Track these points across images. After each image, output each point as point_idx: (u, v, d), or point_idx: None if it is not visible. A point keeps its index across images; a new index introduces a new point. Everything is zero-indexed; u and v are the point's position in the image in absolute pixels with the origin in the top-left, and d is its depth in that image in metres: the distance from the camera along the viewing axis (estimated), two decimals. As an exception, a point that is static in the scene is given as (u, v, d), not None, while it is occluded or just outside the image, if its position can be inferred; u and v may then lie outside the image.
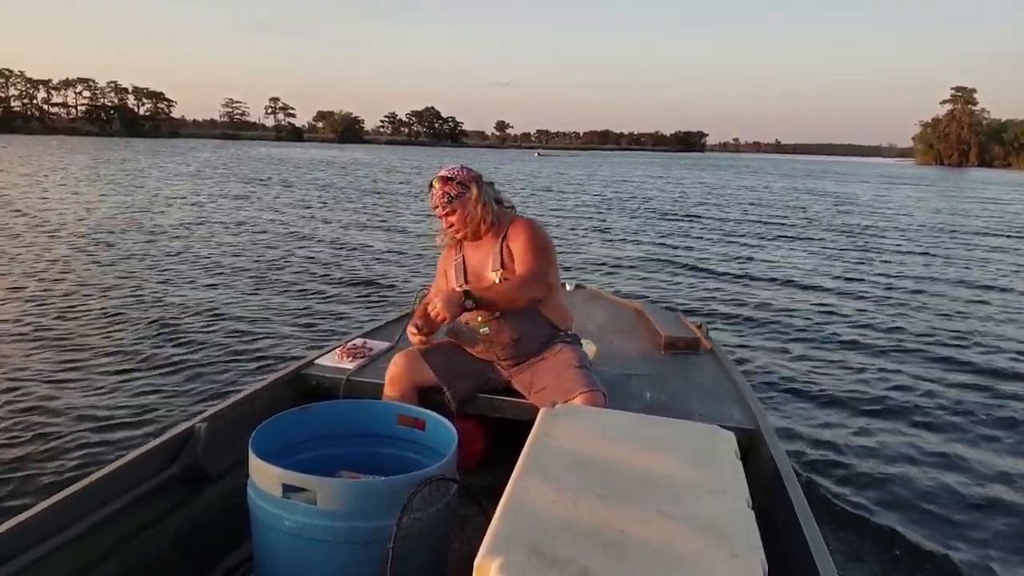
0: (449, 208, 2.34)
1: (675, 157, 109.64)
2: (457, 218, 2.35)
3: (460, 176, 2.36)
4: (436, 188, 2.34)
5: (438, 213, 2.37)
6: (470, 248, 2.45)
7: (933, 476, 3.56)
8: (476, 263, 2.42)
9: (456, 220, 2.36)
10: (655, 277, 9.10)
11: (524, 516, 1.32)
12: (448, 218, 2.36)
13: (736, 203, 21.82)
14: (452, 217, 2.36)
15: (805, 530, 1.67)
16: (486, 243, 2.40)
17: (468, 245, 2.45)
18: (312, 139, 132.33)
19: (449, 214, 2.35)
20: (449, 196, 2.33)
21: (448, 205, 2.34)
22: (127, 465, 1.90)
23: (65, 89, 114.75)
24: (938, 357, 5.67)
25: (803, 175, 48.54)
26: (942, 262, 10.89)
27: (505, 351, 2.39)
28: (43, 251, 9.16)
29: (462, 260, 2.45)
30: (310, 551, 1.67)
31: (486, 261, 2.39)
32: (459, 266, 2.45)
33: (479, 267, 2.41)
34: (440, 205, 2.34)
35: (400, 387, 2.35)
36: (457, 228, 2.38)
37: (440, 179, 2.35)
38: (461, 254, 2.47)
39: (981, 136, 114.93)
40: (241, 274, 8.17)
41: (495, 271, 2.36)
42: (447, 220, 2.37)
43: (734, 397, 2.59)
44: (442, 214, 2.36)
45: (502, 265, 2.35)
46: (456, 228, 2.38)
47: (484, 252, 2.41)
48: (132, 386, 4.34)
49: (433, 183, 2.35)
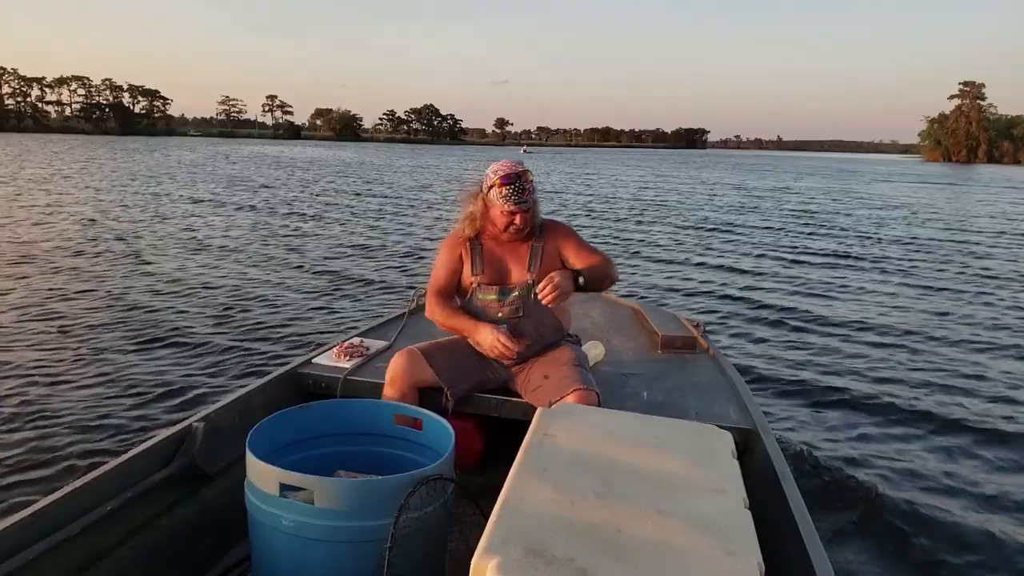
0: (530, 202, 2.32)
1: (674, 155, 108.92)
2: (530, 214, 2.34)
3: (528, 171, 2.35)
4: (526, 181, 2.29)
5: (516, 208, 2.29)
6: (493, 244, 2.40)
7: (931, 475, 3.57)
8: (505, 260, 2.39)
9: (529, 216, 2.34)
10: (653, 277, 9.10)
11: (521, 515, 1.32)
12: (524, 215, 2.32)
13: (756, 207, 21.75)
14: (528, 213, 2.33)
15: (801, 529, 1.67)
16: (514, 242, 2.38)
17: (490, 241, 2.40)
18: (310, 137, 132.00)
19: (526, 210, 2.32)
20: (532, 193, 2.32)
21: (530, 199, 2.31)
22: (124, 464, 1.90)
23: (59, 87, 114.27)
24: (939, 357, 5.68)
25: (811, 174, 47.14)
26: (950, 264, 10.80)
27: (525, 321, 2.39)
28: (41, 250, 9.14)
29: (480, 253, 2.40)
30: (307, 550, 1.67)
31: (520, 260, 2.38)
32: (477, 259, 2.40)
33: (505, 264, 2.39)
34: (527, 199, 2.30)
35: (400, 387, 2.34)
36: (526, 224, 2.34)
37: (523, 175, 2.30)
38: (479, 246, 2.41)
39: (991, 132, 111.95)
40: (237, 274, 8.16)
41: (531, 271, 2.37)
42: (523, 217, 2.31)
43: (731, 397, 2.59)
44: (522, 209, 2.30)
45: (539, 267, 2.37)
46: (526, 224, 2.34)
47: (517, 251, 2.39)
48: (128, 385, 4.33)
49: (521, 175, 2.28)
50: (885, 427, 4.17)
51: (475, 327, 2.33)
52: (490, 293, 2.38)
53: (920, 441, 4.00)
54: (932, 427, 4.20)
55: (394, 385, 2.35)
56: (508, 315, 2.36)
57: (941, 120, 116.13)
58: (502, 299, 2.37)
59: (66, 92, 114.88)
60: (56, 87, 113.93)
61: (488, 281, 2.38)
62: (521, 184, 2.27)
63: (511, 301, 2.37)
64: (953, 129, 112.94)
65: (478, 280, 2.39)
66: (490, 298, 2.38)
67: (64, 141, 59.56)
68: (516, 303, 2.37)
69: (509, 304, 2.37)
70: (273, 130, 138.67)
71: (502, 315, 2.36)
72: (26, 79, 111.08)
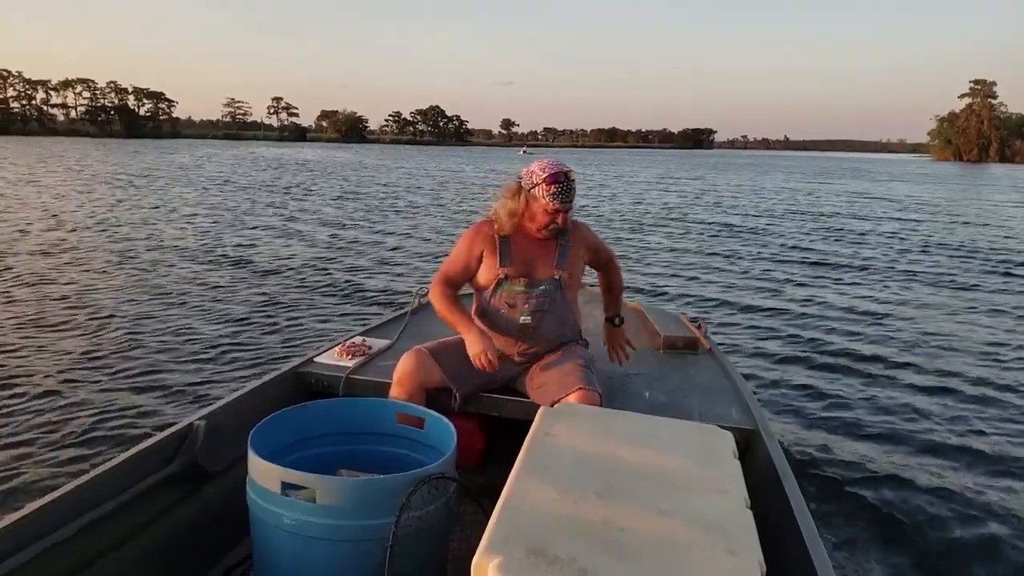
0: (573, 202, 2.35)
1: (682, 155, 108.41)
2: (570, 213, 2.37)
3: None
4: (572, 181, 2.33)
5: (562, 207, 2.30)
6: (522, 239, 2.41)
7: (933, 476, 3.56)
8: (532, 255, 2.41)
9: (570, 215, 2.37)
10: (654, 277, 9.09)
11: (523, 515, 1.32)
12: (567, 214, 2.34)
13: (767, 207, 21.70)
14: (571, 215, 2.37)
15: (803, 529, 1.67)
16: (542, 239, 2.40)
17: (519, 235, 2.41)
18: (316, 139, 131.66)
19: (569, 210, 2.34)
20: (575, 189, 2.36)
21: (574, 199, 2.35)
22: (126, 462, 1.90)
23: (64, 90, 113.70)
24: (939, 358, 5.67)
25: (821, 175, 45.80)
26: (960, 263, 10.74)
27: (535, 343, 2.42)
28: (40, 250, 9.16)
29: (508, 244, 2.41)
30: (309, 549, 1.67)
31: (548, 257, 2.41)
32: (506, 252, 2.40)
33: (533, 259, 2.41)
34: (572, 199, 2.33)
35: (408, 387, 2.33)
36: (567, 223, 2.37)
37: (570, 172, 2.35)
38: (507, 240, 2.41)
39: (1002, 131, 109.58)
40: (239, 272, 8.17)
41: (559, 269, 2.41)
42: (565, 216, 2.34)
43: (733, 397, 2.59)
44: (566, 208, 2.33)
45: (567, 264, 2.42)
46: (567, 223, 2.37)
47: (545, 247, 2.42)
48: (130, 384, 4.34)
49: (567, 174, 2.32)
50: (887, 427, 4.16)
51: (468, 328, 2.31)
52: (517, 285, 2.38)
53: (923, 442, 3.99)
54: (934, 428, 4.20)
55: (402, 386, 2.33)
56: (534, 307, 2.38)
57: (951, 119, 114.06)
58: (529, 291, 2.38)
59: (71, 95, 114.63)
60: (61, 90, 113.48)
61: (516, 274, 2.39)
62: (568, 184, 2.30)
63: (538, 295, 2.38)
64: (964, 128, 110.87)
65: (506, 272, 2.38)
66: (517, 289, 2.38)
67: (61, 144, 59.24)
68: (543, 296, 2.39)
69: (536, 297, 2.38)
70: (279, 132, 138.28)
71: (528, 307, 2.38)
72: (31, 82, 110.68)
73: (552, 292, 2.39)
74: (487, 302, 2.42)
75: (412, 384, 2.33)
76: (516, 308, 2.38)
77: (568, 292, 2.45)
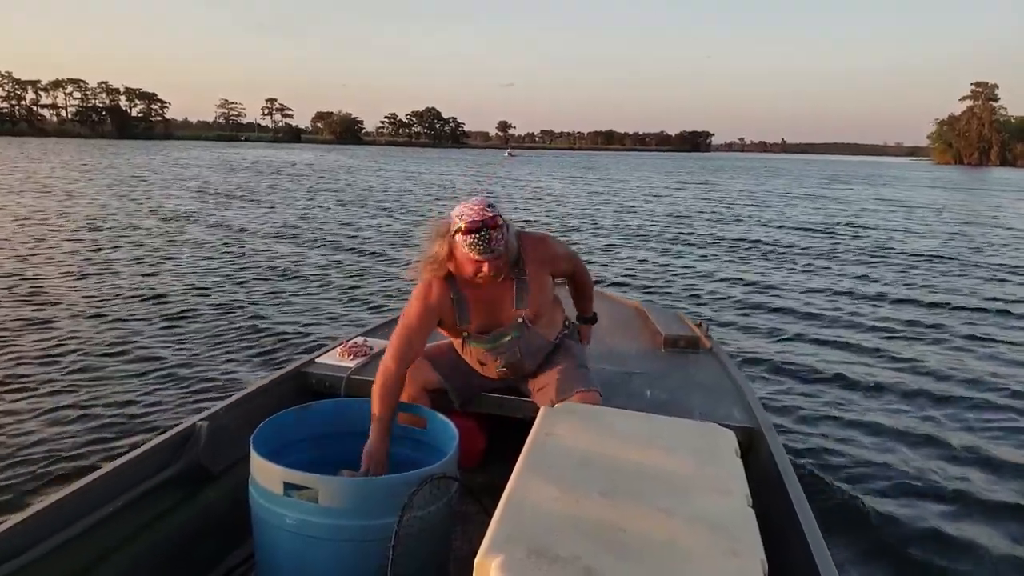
0: (499, 250, 2.02)
1: (679, 158, 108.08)
2: (501, 260, 2.06)
3: (498, 215, 2.02)
4: (494, 228, 1.98)
5: (482, 258, 2.00)
6: (473, 288, 2.15)
7: (934, 476, 3.56)
8: (488, 301, 2.19)
9: (500, 262, 2.06)
10: (656, 277, 9.09)
11: (525, 514, 1.32)
12: (494, 262, 2.03)
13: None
14: (498, 260, 2.04)
15: (805, 528, 1.67)
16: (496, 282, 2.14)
17: (468, 285, 2.14)
18: (311, 140, 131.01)
19: (496, 258, 2.03)
20: (501, 240, 2.02)
21: (498, 247, 2.02)
22: (128, 463, 1.90)
23: (55, 90, 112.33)
24: (941, 358, 5.67)
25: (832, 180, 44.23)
26: (961, 268, 10.70)
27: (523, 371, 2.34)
28: (40, 250, 9.17)
29: (461, 296, 2.17)
30: (311, 549, 1.68)
31: (506, 298, 2.19)
32: (462, 309, 2.18)
33: (492, 305, 2.20)
34: (495, 248, 2.00)
35: (409, 391, 2.29)
36: (497, 270, 2.06)
37: (491, 223, 1.98)
38: (457, 288, 2.16)
39: (1004, 134, 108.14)
40: (241, 274, 8.18)
41: (520, 308, 2.20)
42: (491, 264, 2.02)
43: (734, 396, 2.59)
44: (489, 258, 2.01)
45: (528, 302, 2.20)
46: (496, 270, 2.05)
47: (501, 289, 2.17)
48: (133, 385, 4.35)
49: (488, 222, 1.97)
50: (890, 427, 4.16)
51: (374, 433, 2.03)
52: (482, 342, 2.24)
53: (925, 442, 3.99)
54: (937, 429, 4.20)
55: (404, 390, 2.29)
56: (507, 360, 2.28)
57: (951, 122, 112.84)
58: (495, 346, 2.25)
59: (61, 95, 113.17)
60: (51, 90, 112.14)
61: (477, 330, 2.23)
62: (488, 233, 1.97)
63: (506, 346, 2.25)
64: (965, 131, 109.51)
65: (466, 330, 2.23)
66: (485, 347, 2.25)
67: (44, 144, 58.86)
68: (512, 346, 2.25)
69: (504, 351, 2.26)
70: (273, 133, 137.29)
71: (500, 360, 2.27)
72: (20, 82, 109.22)
73: (519, 338, 2.24)
74: (460, 352, 2.35)
75: (414, 387, 2.31)
76: (488, 364, 2.31)
77: (540, 325, 2.30)
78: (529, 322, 2.23)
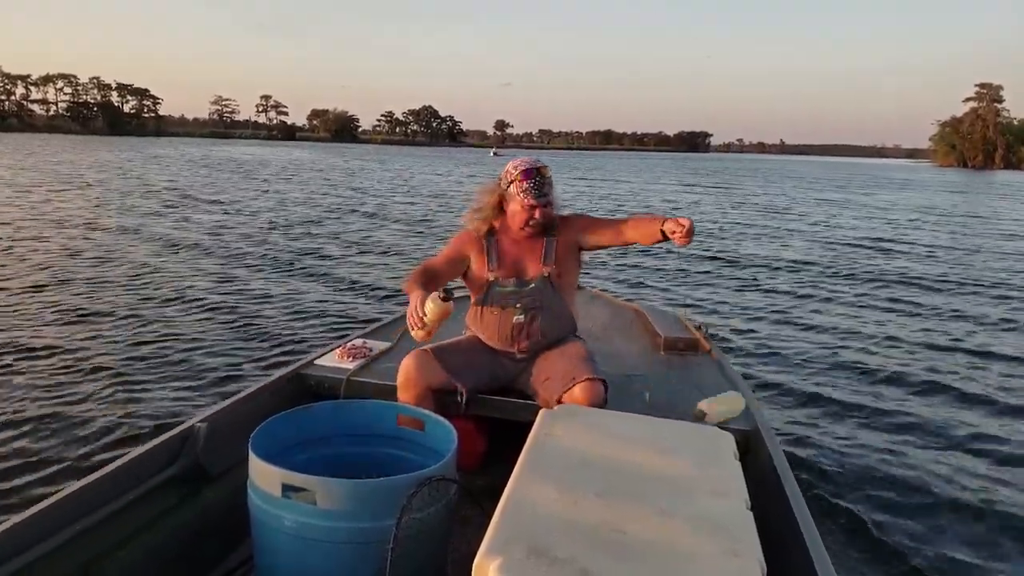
0: (550, 196, 2.37)
1: (677, 159, 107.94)
2: (550, 208, 2.39)
3: (547, 167, 2.42)
4: (546, 176, 2.36)
5: (537, 202, 2.34)
6: (508, 240, 2.45)
7: (933, 477, 3.56)
8: (518, 255, 2.44)
9: (548, 211, 2.39)
10: (656, 279, 9.10)
11: (524, 516, 1.32)
12: (545, 209, 2.37)
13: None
14: (548, 208, 2.38)
15: (803, 531, 1.67)
16: (529, 238, 2.43)
17: (505, 236, 2.45)
18: (306, 138, 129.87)
19: (547, 204, 2.37)
20: (551, 185, 2.38)
21: (550, 193, 2.37)
22: (126, 465, 1.90)
23: (45, 85, 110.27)
24: (941, 359, 5.67)
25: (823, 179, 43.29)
26: (962, 272, 10.67)
27: (533, 340, 2.42)
28: (40, 250, 9.16)
29: (495, 246, 2.45)
30: (310, 551, 1.67)
31: (535, 255, 2.44)
32: (493, 254, 2.44)
33: (521, 258, 2.44)
34: (547, 193, 2.36)
35: (415, 391, 2.30)
36: (547, 218, 2.39)
37: (544, 167, 2.39)
38: (493, 240, 2.46)
39: (1008, 136, 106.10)
40: (240, 274, 8.17)
41: (547, 266, 2.42)
42: (543, 211, 2.36)
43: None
44: (543, 203, 2.36)
45: (555, 260, 2.42)
46: (546, 218, 2.39)
47: (532, 246, 2.44)
48: (131, 385, 4.34)
49: (541, 170, 2.36)
50: (888, 429, 4.16)
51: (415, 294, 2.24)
52: (508, 286, 2.41)
53: (924, 444, 3.99)
54: (937, 430, 4.20)
55: (408, 389, 2.31)
56: (527, 306, 2.40)
57: (954, 124, 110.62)
58: (520, 290, 2.41)
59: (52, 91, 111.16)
60: (42, 85, 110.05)
61: (505, 275, 2.42)
62: (542, 178, 2.34)
63: (529, 292, 2.41)
64: (968, 133, 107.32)
65: (495, 274, 2.42)
66: (508, 290, 2.41)
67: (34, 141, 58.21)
68: (534, 295, 2.41)
69: (527, 295, 2.41)
70: (267, 131, 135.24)
71: (520, 306, 2.40)
72: (10, 77, 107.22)
73: (542, 289, 2.41)
74: (481, 304, 2.45)
75: (419, 386, 2.31)
76: (509, 309, 2.41)
77: (561, 290, 2.46)
78: (555, 279, 2.42)
